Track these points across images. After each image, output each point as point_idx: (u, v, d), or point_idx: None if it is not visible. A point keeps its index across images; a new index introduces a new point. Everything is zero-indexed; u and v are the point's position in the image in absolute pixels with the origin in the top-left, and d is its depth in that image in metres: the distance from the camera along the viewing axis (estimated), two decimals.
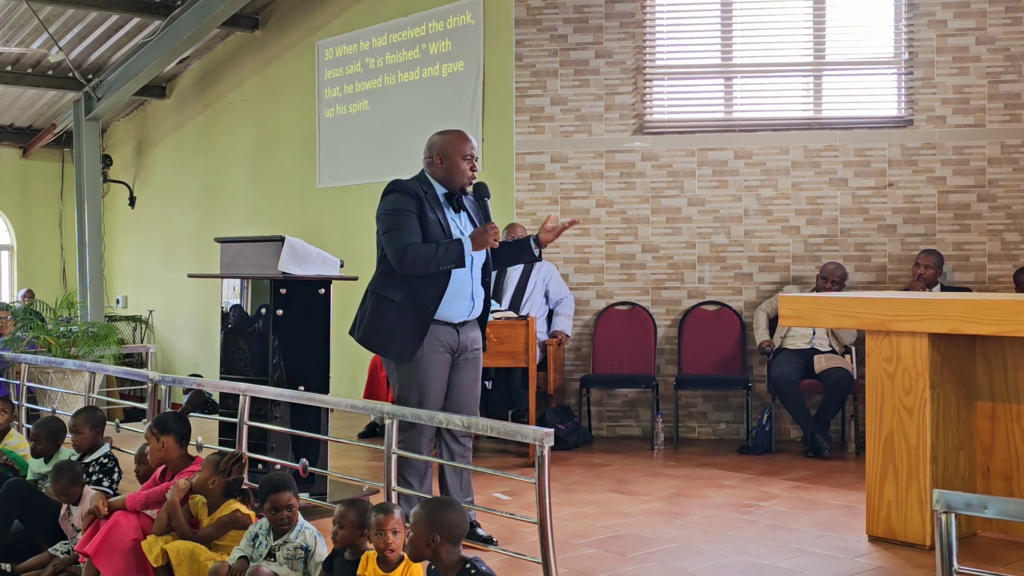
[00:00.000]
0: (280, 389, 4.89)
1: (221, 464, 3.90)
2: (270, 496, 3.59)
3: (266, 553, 3.62)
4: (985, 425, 4.61)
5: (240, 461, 3.95)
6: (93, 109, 11.15)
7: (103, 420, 4.83)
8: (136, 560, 3.85)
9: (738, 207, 7.46)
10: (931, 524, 4.31)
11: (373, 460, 6.37)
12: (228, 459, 3.92)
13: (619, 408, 7.61)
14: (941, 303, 4.41)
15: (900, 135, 7.27)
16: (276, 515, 3.59)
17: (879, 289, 7.17)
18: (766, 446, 6.84)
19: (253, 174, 10.58)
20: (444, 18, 8.61)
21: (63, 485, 4.28)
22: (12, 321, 8.62)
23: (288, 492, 3.60)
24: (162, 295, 11.85)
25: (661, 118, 7.68)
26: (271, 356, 5.17)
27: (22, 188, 13.03)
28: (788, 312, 4.85)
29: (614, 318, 7.55)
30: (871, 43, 7.47)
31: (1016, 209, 7.12)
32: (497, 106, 8.10)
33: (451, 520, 3.07)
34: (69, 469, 4.35)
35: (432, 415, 3.99)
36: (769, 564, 4.19)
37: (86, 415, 4.78)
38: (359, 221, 9.33)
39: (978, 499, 2.32)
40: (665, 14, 7.69)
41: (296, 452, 5.10)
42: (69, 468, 4.36)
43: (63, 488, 4.29)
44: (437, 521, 3.05)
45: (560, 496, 5.35)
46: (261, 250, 5.29)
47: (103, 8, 9.75)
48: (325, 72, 9.65)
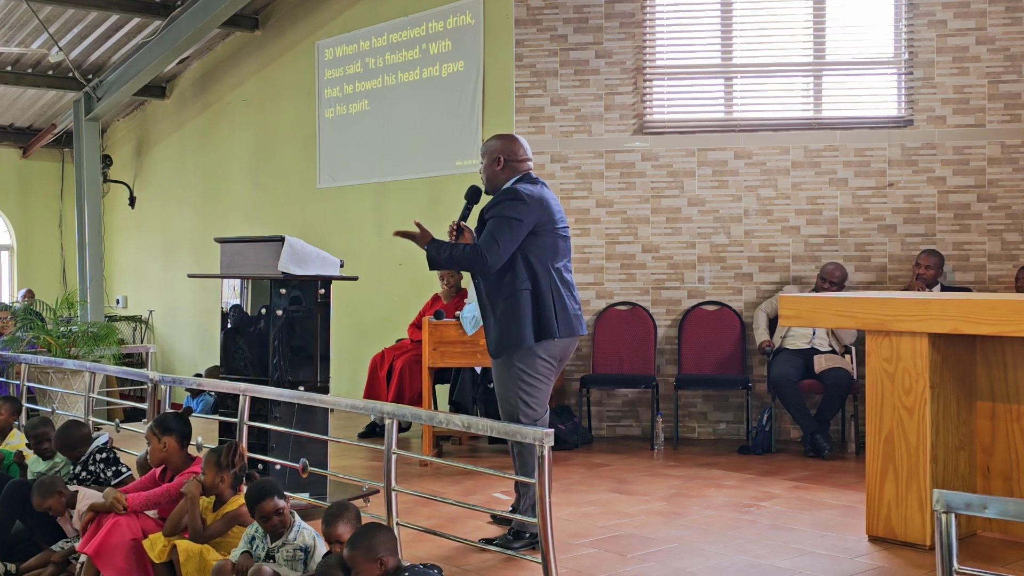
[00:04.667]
0: (280, 389, 4.88)
1: (222, 460, 3.90)
2: (256, 506, 3.59)
3: (264, 556, 3.62)
4: (985, 425, 4.61)
5: (237, 449, 3.94)
6: (93, 109, 11.15)
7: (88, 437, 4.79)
8: (136, 560, 3.85)
9: (738, 207, 7.46)
10: (931, 524, 4.31)
11: (373, 460, 6.37)
12: (227, 452, 3.92)
13: (619, 408, 7.61)
14: (941, 303, 4.41)
15: (900, 135, 7.27)
16: (267, 523, 3.59)
17: (879, 289, 7.16)
18: (766, 446, 6.84)
19: (253, 174, 10.58)
20: (444, 18, 8.61)
21: (49, 502, 4.25)
22: (12, 321, 8.62)
23: (271, 498, 3.57)
24: (162, 295, 11.86)
25: (661, 118, 7.68)
26: (271, 356, 5.17)
27: (22, 188, 13.03)
28: (788, 312, 4.86)
29: (614, 318, 7.55)
30: (871, 43, 7.47)
31: (1016, 209, 7.12)
32: (497, 106, 8.10)
33: (383, 539, 3.28)
34: (51, 485, 4.29)
35: (432, 415, 3.99)
36: (769, 564, 4.19)
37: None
38: (359, 221, 9.34)
39: (978, 499, 2.32)
40: (665, 14, 7.69)
41: (296, 452, 5.10)
42: (51, 484, 4.30)
43: (44, 505, 4.25)
44: (374, 547, 3.23)
45: (560, 496, 5.35)
46: (261, 250, 5.28)
47: (103, 8, 9.76)
48: (325, 72, 9.66)
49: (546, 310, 4.41)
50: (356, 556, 3.23)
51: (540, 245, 4.43)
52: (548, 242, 4.46)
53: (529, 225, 4.39)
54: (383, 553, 3.22)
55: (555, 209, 4.53)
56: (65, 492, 4.28)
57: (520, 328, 4.38)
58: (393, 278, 8.72)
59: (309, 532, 3.64)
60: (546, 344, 4.42)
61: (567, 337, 4.47)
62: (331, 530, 3.50)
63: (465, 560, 4.24)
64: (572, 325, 4.47)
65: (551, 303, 4.42)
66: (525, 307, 4.39)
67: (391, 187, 9.07)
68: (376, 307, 8.80)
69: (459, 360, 6.33)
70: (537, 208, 4.42)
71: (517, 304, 4.39)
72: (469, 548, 4.34)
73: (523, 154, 4.59)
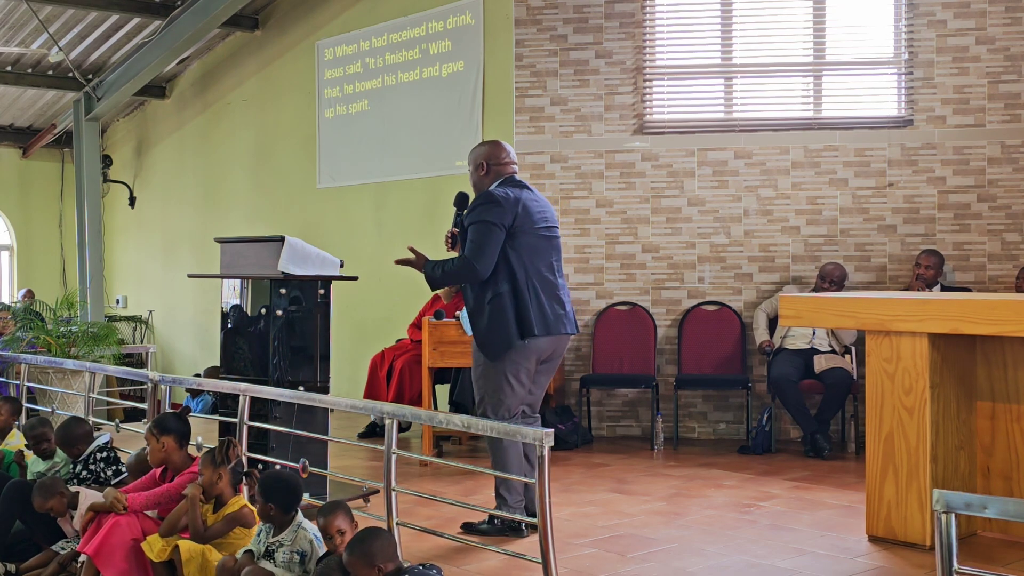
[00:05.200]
0: (280, 389, 4.88)
1: (217, 457, 3.89)
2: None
3: (264, 551, 3.63)
4: (985, 425, 4.61)
5: (232, 445, 3.94)
6: (93, 109, 11.15)
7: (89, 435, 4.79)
8: (136, 560, 3.86)
9: (738, 207, 7.46)
10: (931, 524, 4.31)
11: (373, 460, 6.37)
12: (220, 448, 3.92)
13: (619, 408, 7.61)
14: (941, 303, 4.41)
15: (900, 135, 7.27)
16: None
17: (879, 289, 7.16)
18: (766, 446, 6.84)
19: (253, 174, 10.58)
20: (444, 18, 8.61)
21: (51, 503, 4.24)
22: (12, 321, 8.62)
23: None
24: (162, 295, 11.86)
25: (661, 118, 7.68)
26: (271, 356, 5.17)
27: (22, 188, 13.03)
28: (788, 312, 4.86)
29: (614, 318, 7.55)
30: (871, 43, 7.47)
31: (1016, 209, 7.12)
32: (497, 106, 8.10)
33: (382, 545, 3.27)
34: (52, 486, 4.28)
35: (432, 415, 3.99)
36: (769, 564, 4.19)
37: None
38: (359, 221, 9.34)
39: (978, 499, 2.32)
40: (665, 14, 7.69)
41: (296, 452, 5.10)
42: (52, 485, 4.29)
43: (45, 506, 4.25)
44: (372, 554, 3.23)
45: (560, 496, 5.35)
46: (261, 250, 5.29)
47: (103, 8, 9.76)
48: (325, 72, 9.66)
49: (524, 310, 4.49)
50: (354, 561, 3.24)
51: (519, 245, 4.51)
52: (528, 242, 4.53)
53: (505, 226, 4.48)
54: (381, 560, 3.24)
55: (535, 210, 4.59)
56: (66, 492, 4.27)
57: (506, 329, 4.49)
58: (393, 278, 8.70)
59: (306, 537, 3.63)
60: (529, 343, 4.51)
61: (544, 336, 4.53)
62: (328, 522, 3.46)
63: (465, 560, 4.24)
64: (549, 325, 4.54)
65: (528, 303, 4.50)
66: (507, 308, 4.49)
67: (391, 187, 9.07)
68: (376, 307, 8.80)
69: (459, 360, 6.33)
70: (513, 209, 4.50)
71: (498, 306, 4.49)
72: (469, 548, 4.34)
73: (505, 158, 4.70)
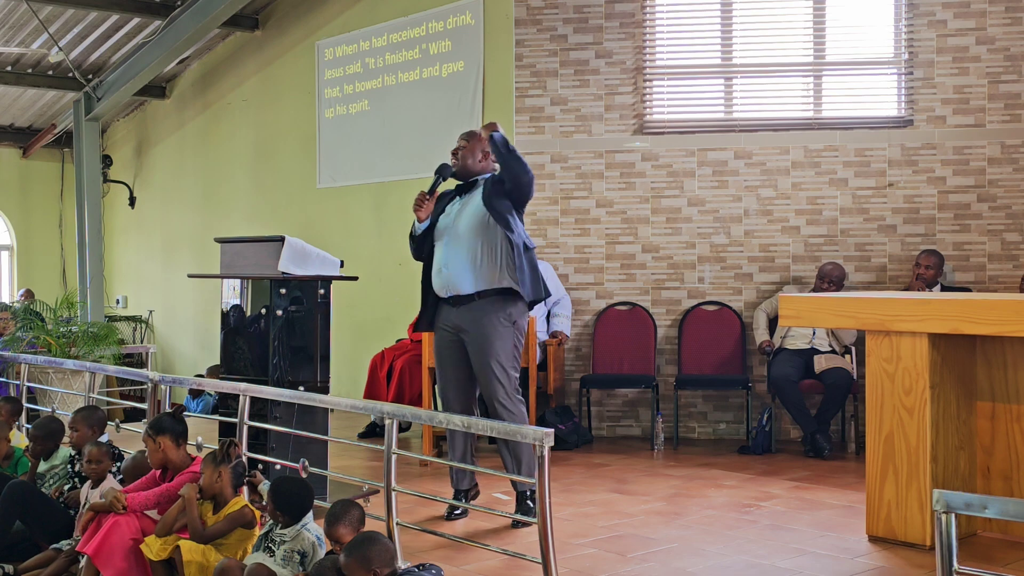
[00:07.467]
0: (280, 389, 4.89)
1: (217, 455, 3.90)
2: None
3: (265, 541, 3.67)
4: (985, 425, 4.61)
5: (233, 445, 3.94)
6: (93, 109, 11.15)
7: (103, 421, 4.82)
8: (136, 561, 3.85)
9: (738, 207, 7.46)
10: (931, 524, 4.31)
11: (373, 460, 6.37)
12: (222, 449, 3.92)
13: (619, 408, 7.61)
14: (941, 303, 4.41)
15: (900, 135, 7.27)
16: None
17: (879, 289, 7.16)
18: (766, 446, 6.84)
19: (253, 174, 10.58)
20: (444, 18, 8.61)
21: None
22: (12, 321, 8.62)
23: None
24: (162, 295, 11.86)
25: (661, 118, 7.68)
26: (271, 356, 5.17)
27: (22, 188, 13.03)
28: (788, 312, 4.86)
29: (614, 318, 7.55)
30: (871, 43, 7.47)
31: (1016, 209, 7.12)
32: (497, 106, 8.10)
33: (379, 551, 3.27)
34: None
35: (432, 415, 3.99)
36: (769, 564, 4.19)
37: (84, 414, 4.79)
38: (359, 221, 9.33)
39: (978, 499, 2.32)
40: (665, 14, 7.69)
41: (296, 452, 5.10)
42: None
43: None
44: (369, 559, 3.24)
45: (560, 496, 5.35)
46: (261, 250, 5.29)
47: (103, 8, 9.76)
48: (325, 72, 9.66)
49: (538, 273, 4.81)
50: (351, 564, 3.25)
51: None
52: None
53: None
54: (377, 564, 3.24)
55: None
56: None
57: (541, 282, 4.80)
58: (393, 278, 8.71)
59: (309, 540, 3.62)
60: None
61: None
62: (332, 531, 3.50)
63: (465, 560, 4.24)
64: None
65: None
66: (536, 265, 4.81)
67: (391, 187, 9.07)
68: (376, 307, 8.80)
69: None
70: None
71: (532, 259, 4.78)
72: (469, 548, 4.34)
73: None
